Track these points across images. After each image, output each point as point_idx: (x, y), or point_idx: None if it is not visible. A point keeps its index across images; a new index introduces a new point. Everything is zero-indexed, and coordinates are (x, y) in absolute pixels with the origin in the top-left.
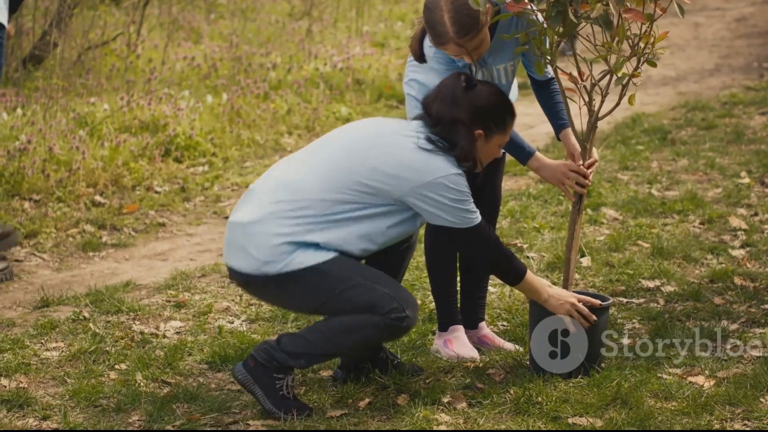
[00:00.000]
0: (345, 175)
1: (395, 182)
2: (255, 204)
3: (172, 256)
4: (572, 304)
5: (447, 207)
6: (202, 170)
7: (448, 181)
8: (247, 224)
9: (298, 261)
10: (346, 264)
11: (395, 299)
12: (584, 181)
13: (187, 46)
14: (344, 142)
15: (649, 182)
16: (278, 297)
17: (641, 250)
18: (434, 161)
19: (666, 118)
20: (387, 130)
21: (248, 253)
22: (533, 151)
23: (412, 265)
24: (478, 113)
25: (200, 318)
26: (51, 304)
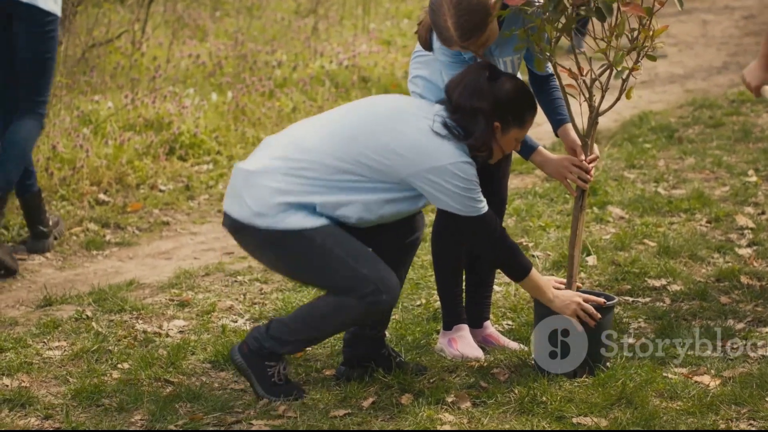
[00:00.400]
0: (355, 146)
1: (402, 162)
2: (263, 155)
3: (176, 254)
4: (578, 304)
5: (452, 193)
6: (207, 169)
7: (455, 168)
8: (250, 172)
9: (288, 221)
10: (333, 236)
11: (373, 281)
12: (586, 176)
13: (192, 44)
14: (363, 114)
15: (656, 181)
16: (262, 254)
17: (647, 248)
18: (445, 147)
19: (673, 116)
20: (406, 109)
21: (243, 201)
22: (536, 145)
23: (417, 264)
24: (499, 105)
25: (203, 317)
26: (54, 303)
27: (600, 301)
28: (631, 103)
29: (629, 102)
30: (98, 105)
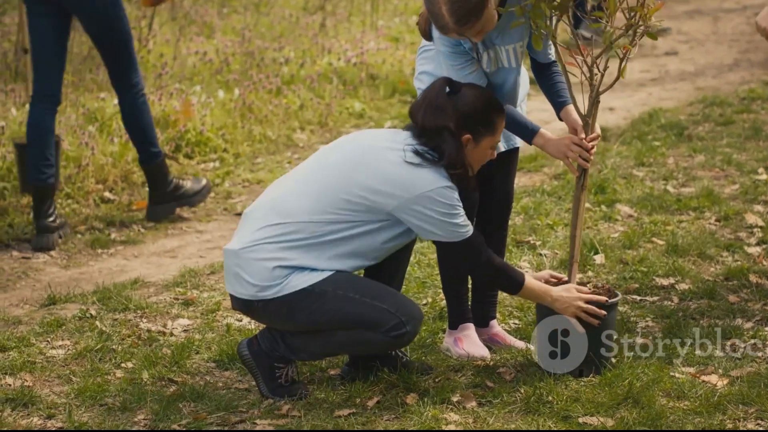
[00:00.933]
0: (335, 194)
1: (384, 198)
2: (247, 230)
3: (181, 253)
4: (578, 306)
5: (435, 221)
6: (213, 166)
7: (435, 195)
8: (239, 251)
9: (293, 284)
10: (342, 282)
11: (395, 314)
12: (587, 155)
13: (199, 41)
14: (335, 160)
15: (665, 178)
16: (280, 320)
17: (656, 247)
18: (421, 174)
19: (683, 113)
20: (375, 144)
21: (244, 280)
22: (537, 128)
23: (424, 262)
24: (465, 118)
25: (208, 316)
26: (58, 301)
27: (602, 299)
28: (641, 101)
29: (639, 99)
30: (104, 102)
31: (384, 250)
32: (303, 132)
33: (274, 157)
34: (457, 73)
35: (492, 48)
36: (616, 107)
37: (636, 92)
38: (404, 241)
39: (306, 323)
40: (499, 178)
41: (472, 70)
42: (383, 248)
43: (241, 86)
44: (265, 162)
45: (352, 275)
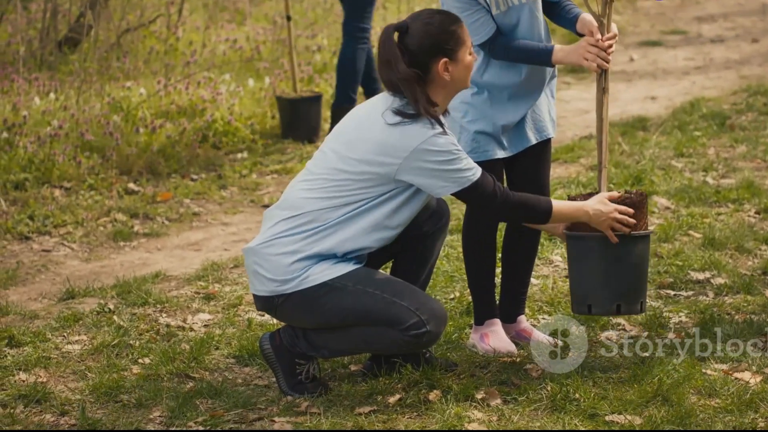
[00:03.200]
0: (339, 176)
1: (383, 167)
2: (263, 229)
3: (205, 246)
4: (613, 218)
5: (437, 172)
6: (241, 157)
7: (427, 145)
8: (255, 248)
9: (312, 278)
10: (362, 277)
11: (416, 313)
12: (604, 54)
13: (230, 28)
14: (332, 144)
15: (705, 170)
16: (302, 316)
17: (692, 240)
18: (407, 131)
19: (726, 102)
20: (363, 116)
21: (263, 277)
22: (551, 47)
23: (453, 256)
24: (428, 49)
25: (230, 310)
26: (76, 295)
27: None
28: (683, 89)
29: (682, 88)
30: (130, 92)
31: (404, 215)
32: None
33: (304, 147)
34: (466, 20)
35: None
36: (659, 96)
37: (679, 81)
38: (421, 201)
39: (325, 318)
40: (533, 170)
41: (480, 17)
42: (403, 214)
43: (272, 75)
44: (294, 152)
45: (375, 271)
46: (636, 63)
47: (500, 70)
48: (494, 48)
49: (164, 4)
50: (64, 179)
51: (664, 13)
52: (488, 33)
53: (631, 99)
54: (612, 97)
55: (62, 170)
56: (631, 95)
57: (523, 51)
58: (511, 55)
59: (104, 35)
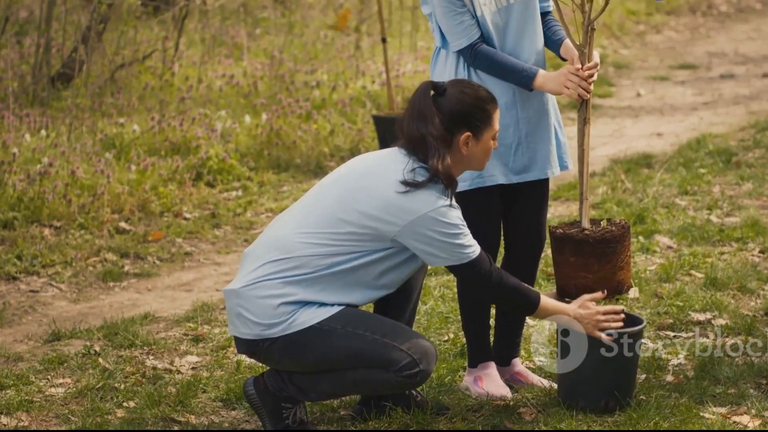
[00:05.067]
0: (335, 225)
1: (384, 225)
2: (247, 270)
3: (197, 286)
4: (596, 320)
5: (438, 242)
6: (236, 195)
7: (436, 215)
8: (240, 290)
9: (300, 321)
10: (352, 318)
11: (407, 353)
12: (585, 84)
13: (227, 63)
14: (332, 191)
15: (709, 208)
16: (287, 360)
17: (694, 280)
18: (419, 197)
19: (734, 139)
20: (371, 170)
21: (248, 319)
22: (535, 70)
23: (448, 297)
24: (457, 116)
25: (218, 352)
26: (62, 337)
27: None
28: (690, 125)
29: (689, 124)
30: (123, 128)
31: (393, 278)
32: (333, 159)
33: (301, 185)
34: (449, 22)
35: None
36: (665, 132)
37: (687, 116)
38: (413, 267)
39: (314, 362)
40: (530, 211)
41: (464, 20)
42: (392, 277)
43: (269, 111)
44: (291, 190)
45: (362, 311)
46: (643, 98)
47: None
48: (476, 56)
49: (160, 39)
50: (53, 218)
51: (674, 47)
52: (471, 38)
53: (637, 135)
54: (618, 133)
55: (52, 209)
56: (637, 131)
57: (505, 67)
58: (493, 67)
59: (98, 70)
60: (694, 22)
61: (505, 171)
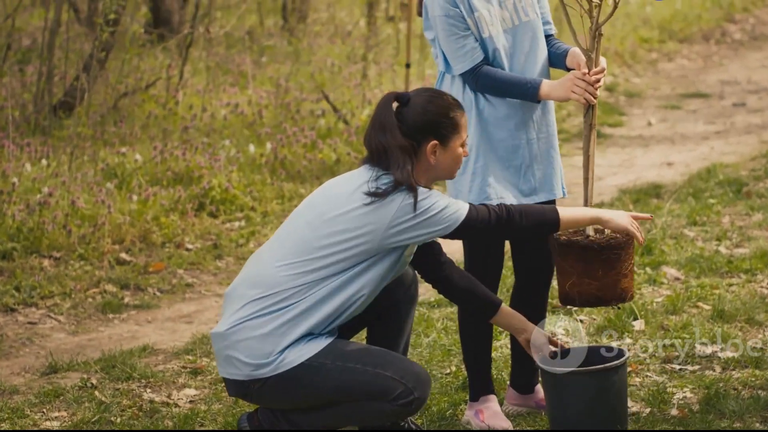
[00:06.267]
0: (314, 251)
1: (366, 238)
2: (230, 311)
3: (198, 318)
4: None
5: (423, 225)
6: (238, 226)
7: (404, 205)
8: (226, 332)
9: (289, 360)
10: (341, 351)
11: (401, 381)
12: (593, 90)
13: (232, 92)
14: (303, 221)
15: (718, 239)
16: (280, 398)
17: (701, 312)
18: (386, 204)
19: (744, 168)
20: (338, 189)
21: (237, 361)
22: (538, 81)
23: (451, 329)
24: (423, 126)
25: (217, 385)
26: (59, 370)
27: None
28: (701, 155)
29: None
30: (125, 157)
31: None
32: None
33: None
34: (452, 45)
35: (489, 4)
36: (675, 162)
37: (698, 146)
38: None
39: (307, 400)
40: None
41: (467, 42)
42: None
43: (273, 140)
44: None
45: (350, 342)
46: (654, 127)
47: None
48: (479, 78)
49: (164, 67)
50: (53, 248)
51: (686, 75)
52: (474, 60)
53: (648, 165)
54: (628, 162)
55: (51, 239)
56: (647, 161)
57: (509, 83)
58: (496, 85)
59: (101, 99)
60: (707, 50)
61: (515, 192)
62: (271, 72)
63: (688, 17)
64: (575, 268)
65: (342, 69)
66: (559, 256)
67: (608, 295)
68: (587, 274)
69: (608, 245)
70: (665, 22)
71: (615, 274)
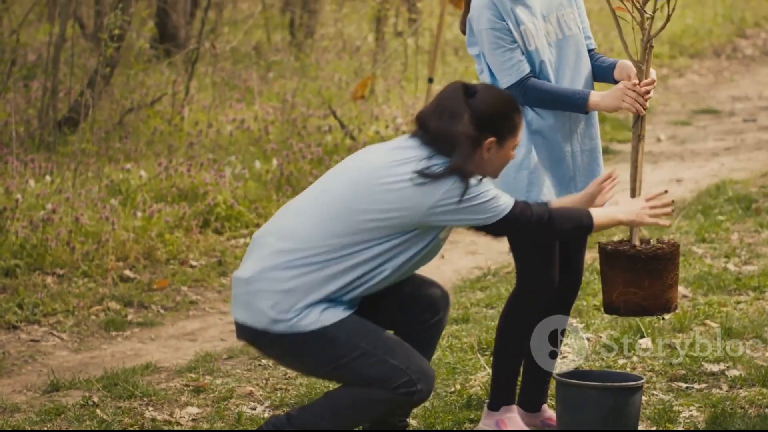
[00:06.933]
0: (351, 216)
1: (409, 213)
2: (257, 255)
3: (201, 336)
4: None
5: (468, 210)
6: (244, 242)
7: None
8: (250, 279)
9: (306, 323)
10: (357, 330)
11: (406, 372)
12: (642, 101)
13: (239, 107)
14: (346, 182)
15: (727, 256)
16: (285, 358)
17: (708, 330)
18: (436, 185)
19: (755, 185)
20: (382, 162)
21: (255, 309)
22: (588, 91)
23: (456, 347)
24: (485, 121)
25: (219, 404)
26: (61, 388)
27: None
28: (711, 171)
29: (709, 170)
30: (129, 174)
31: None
32: None
33: None
34: (499, 58)
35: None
36: (685, 178)
37: (708, 162)
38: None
39: (311, 367)
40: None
41: (514, 55)
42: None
43: (279, 156)
44: None
45: (366, 322)
46: (663, 144)
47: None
48: (526, 90)
49: (170, 83)
50: (56, 265)
51: (697, 91)
52: (521, 73)
53: (657, 182)
54: None
55: (55, 256)
56: (656, 178)
57: (557, 94)
58: (545, 98)
59: (106, 115)
60: (718, 65)
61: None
62: (278, 87)
63: (699, 32)
64: (621, 277)
65: (349, 84)
66: (606, 266)
67: (653, 305)
68: (633, 284)
69: (655, 255)
70: (676, 38)
71: (661, 284)
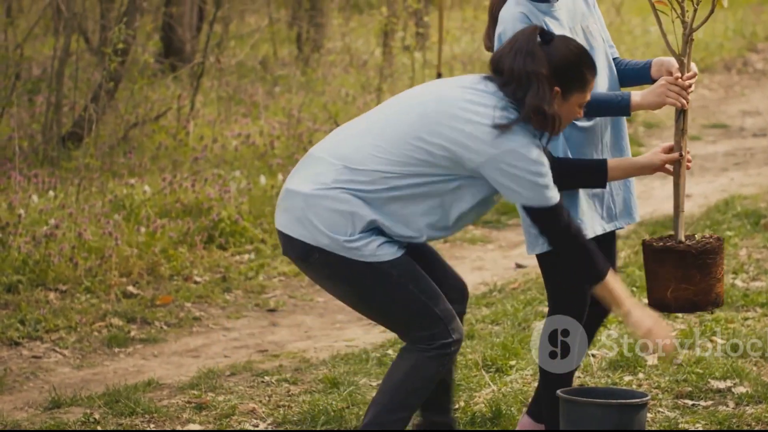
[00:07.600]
0: (414, 144)
1: (469, 152)
2: (314, 170)
3: (204, 352)
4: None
5: (522, 180)
6: (248, 258)
7: (524, 151)
8: (310, 195)
9: (364, 252)
10: (408, 271)
11: (442, 320)
12: (685, 94)
13: (244, 122)
14: (413, 111)
15: (734, 272)
16: (329, 281)
17: (715, 346)
18: (509, 133)
19: (763, 200)
20: (460, 97)
21: (311, 225)
22: (628, 93)
23: (461, 363)
24: (557, 69)
25: (221, 421)
26: (63, 404)
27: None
28: (720, 187)
29: (719, 185)
30: (133, 189)
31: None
32: None
33: None
34: None
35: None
36: (694, 194)
37: (717, 177)
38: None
39: (355, 296)
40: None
41: None
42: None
43: (285, 171)
44: None
45: (415, 264)
46: None
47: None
48: None
49: (175, 97)
50: (59, 281)
51: (707, 106)
52: None
53: (665, 197)
54: (645, 194)
55: (58, 272)
56: (665, 193)
57: (598, 100)
58: (588, 104)
59: (110, 130)
60: (728, 80)
61: (599, 220)
62: (284, 102)
63: (710, 47)
64: (673, 274)
65: (356, 99)
66: (654, 263)
67: (704, 300)
68: (685, 279)
69: (704, 250)
70: None
71: (711, 278)
